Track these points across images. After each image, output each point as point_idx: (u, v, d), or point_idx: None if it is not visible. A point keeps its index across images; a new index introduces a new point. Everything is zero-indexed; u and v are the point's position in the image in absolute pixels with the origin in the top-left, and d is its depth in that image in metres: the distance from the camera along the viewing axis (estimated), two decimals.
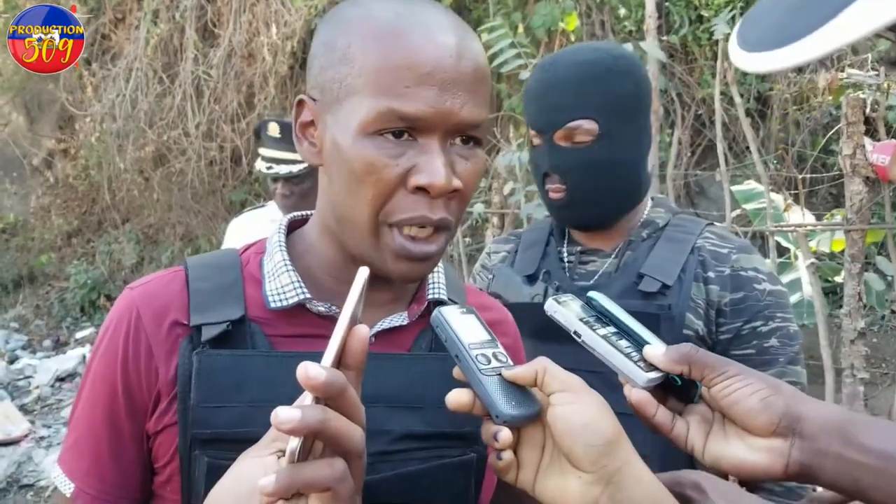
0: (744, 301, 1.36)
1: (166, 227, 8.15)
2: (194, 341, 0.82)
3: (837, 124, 3.75)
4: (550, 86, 1.39)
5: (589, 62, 1.38)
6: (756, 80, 5.95)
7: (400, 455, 0.82)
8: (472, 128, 0.80)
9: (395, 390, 0.82)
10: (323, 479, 0.57)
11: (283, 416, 0.54)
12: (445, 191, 0.78)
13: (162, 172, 7.77)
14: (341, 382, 0.58)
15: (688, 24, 5.94)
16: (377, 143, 0.77)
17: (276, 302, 0.85)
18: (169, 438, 0.83)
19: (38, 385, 6.23)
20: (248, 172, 7.45)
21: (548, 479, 0.70)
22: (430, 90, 0.76)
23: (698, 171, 5.56)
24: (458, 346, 0.73)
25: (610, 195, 1.42)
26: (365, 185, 0.78)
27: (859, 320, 3.05)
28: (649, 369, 0.77)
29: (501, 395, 0.70)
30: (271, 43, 6.97)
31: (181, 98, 7.34)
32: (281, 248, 0.88)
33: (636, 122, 1.42)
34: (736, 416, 0.74)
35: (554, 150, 1.39)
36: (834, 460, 0.71)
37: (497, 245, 1.66)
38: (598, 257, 1.47)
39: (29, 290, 8.57)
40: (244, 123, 7.21)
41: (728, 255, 1.39)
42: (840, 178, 3.68)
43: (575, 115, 1.36)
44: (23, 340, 7.59)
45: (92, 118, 7.91)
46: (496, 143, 4.44)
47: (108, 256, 8.18)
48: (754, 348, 1.35)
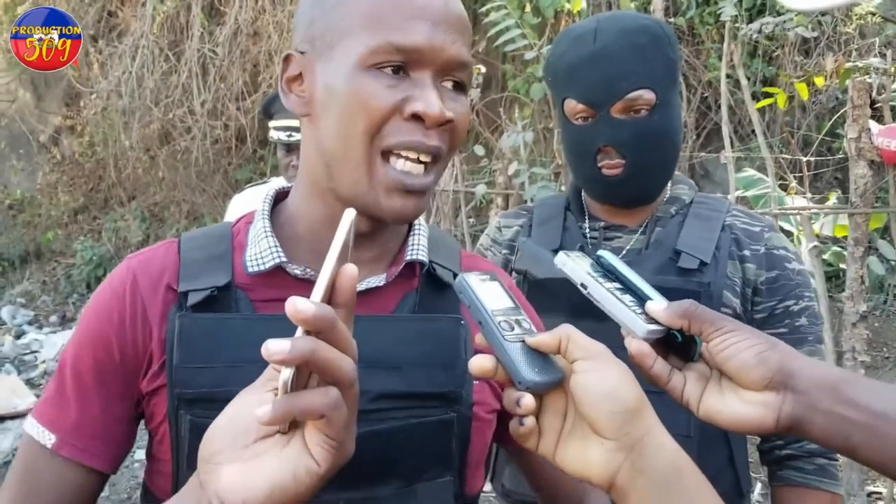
0: (777, 280, 1.35)
1: (171, 204, 8.17)
2: (182, 307, 0.85)
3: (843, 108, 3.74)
4: (602, 56, 1.30)
5: (640, 30, 1.32)
6: (763, 64, 5.93)
7: (377, 414, 0.83)
8: (461, 68, 0.83)
9: (373, 351, 0.83)
10: (317, 406, 0.58)
11: (274, 347, 0.55)
12: (440, 120, 0.80)
13: (167, 150, 7.79)
14: (331, 316, 0.58)
15: (695, 7, 5.90)
16: (373, 76, 0.80)
17: (253, 266, 0.87)
18: (162, 400, 0.85)
19: (45, 360, 6.29)
20: (252, 151, 7.46)
21: (569, 447, 0.71)
22: (425, 24, 0.80)
23: (703, 154, 5.54)
24: (482, 313, 0.73)
25: (665, 167, 1.39)
26: (360, 116, 0.80)
27: (861, 303, 3.05)
28: (650, 322, 0.79)
29: (524, 362, 0.70)
30: (277, 21, 6.96)
31: (187, 76, 7.34)
32: (264, 216, 0.91)
33: (678, 90, 1.40)
34: (731, 370, 0.76)
35: (612, 123, 1.31)
36: (825, 416, 0.72)
37: (507, 219, 1.59)
38: (624, 233, 1.43)
39: (36, 265, 8.61)
40: (249, 102, 7.22)
41: (761, 234, 1.38)
42: (845, 161, 3.67)
43: (635, 86, 1.30)
44: (29, 316, 7.65)
45: (98, 95, 7.92)
46: (499, 123, 4.43)
47: (115, 233, 8.21)
48: (787, 327, 1.35)
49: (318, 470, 0.60)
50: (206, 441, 0.62)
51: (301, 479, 0.60)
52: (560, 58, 1.37)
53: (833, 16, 5.60)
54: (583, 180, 1.43)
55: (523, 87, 5.09)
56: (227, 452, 0.61)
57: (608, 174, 1.34)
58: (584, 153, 1.36)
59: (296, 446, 0.61)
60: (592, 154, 1.35)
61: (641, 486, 0.68)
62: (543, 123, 5.30)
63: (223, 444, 0.61)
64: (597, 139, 1.33)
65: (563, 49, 1.37)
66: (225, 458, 0.61)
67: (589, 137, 1.34)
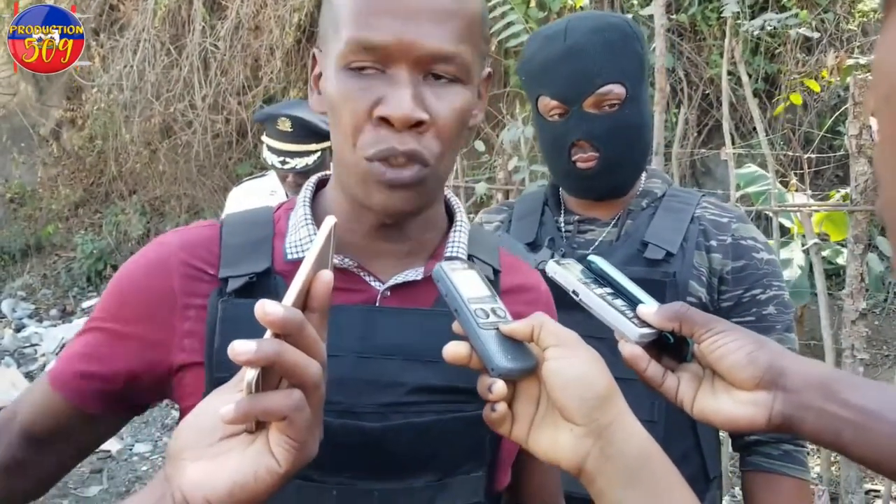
0: (744, 269, 1.39)
1: (172, 199, 8.17)
2: (222, 292, 0.86)
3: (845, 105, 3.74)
4: (573, 53, 1.35)
5: (608, 27, 1.37)
6: (764, 61, 5.92)
7: (413, 407, 0.84)
8: (441, 61, 0.79)
9: (412, 344, 0.84)
10: (279, 408, 0.60)
11: (239, 348, 0.57)
12: (407, 122, 0.78)
13: (168, 144, 7.79)
14: (298, 319, 0.60)
15: (697, 3, 5.90)
16: (350, 76, 0.79)
17: (292, 254, 0.88)
18: (193, 380, 0.86)
19: (44, 353, 6.29)
20: (253, 146, 7.45)
21: (541, 433, 0.72)
22: (395, 20, 0.77)
23: (704, 151, 5.54)
24: (458, 301, 0.74)
25: (637, 160, 1.44)
26: (343, 119, 0.80)
27: (861, 301, 3.05)
28: (642, 325, 0.80)
29: (498, 349, 0.71)
30: (278, 16, 6.95)
31: (188, 70, 7.34)
32: (305, 203, 0.92)
33: (647, 85, 1.44)
34: (723, 370, 0.77)
35: (584, 118, 1.36)
36: (816, 414, 0.73)
37: (489, 215, 1.65)
38: (597, 226, 1.48)
39: (36, 259, 8.61)
40: (250, 96, 7.21)
41: (728, 224, 1.42)
42: (846, 159, 3.67)
43: (605, 80, 1.35)
44: (30, 309, 7.65)
45: (99, 89, 7.91)
46: (501, 118, 4.43)
47: (115, 227, 8.21)
48: (754, 315, 1.38)
49: (278, 469, 0.61)
50: (175, 437, 0.64)
51: (262, 478, 0.61)
52: (532, 57, 1.41)
53: (835, 13, 5.59)
54: (558, 175, 1.48)
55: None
56: (192, 449, 0.62)
57: (582, 167, 1.39)
58: (558, 148, 1.41)
59: (258, 446, 0.62)
60: (567, 149, 1.39)
61: (609, 471, 0.69)
62: None
63: (189, 441, 0.63)
64: (571, 134, 1.38)
65: (535, 48, 1.41)
66: (190, 454, 0.62)
67: (563, 133, 1.39)
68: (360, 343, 0.84)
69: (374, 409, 0.83)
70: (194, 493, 0.61)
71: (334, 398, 0.77)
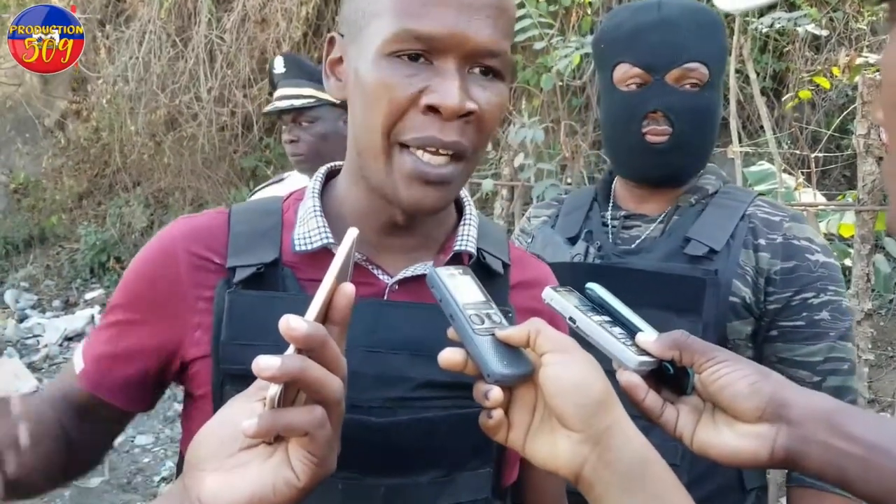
0: (795, 270, 1.32)
1: (176, 191, 8.17)
2: (229, 283, 0.85)
3: (853, 105, 3.72)
4: (666, 23, 1.33)
5: (702, 10, 1.36)
6: (773, 59, 5.89)
7: (420, 402, 0.83)
8: (490, 56, 0.80)
9: (419, 338, 0.83)
10: (301, 424, 0.60)
11: (264, 363, 0.57)
12: (457, 112, 0.77)
13: (173, 137, 7.78)
14: (322, 335, 0.60)
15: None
16: (393, 64, 0.78)
17: (301, 246, 0.87)
18: (202, 372, 0.86)
19: (47, 344, 6.31)
20: (258, 139, 7.45)
21: (538, 440, 0.72)
22: (448, 11, 0.77)
23: None
24: (453, 306, 0.73)
25: (705, 147, 1.40)
26: (378, 105, 0.79)
27: (867, 301, 3.04)
28: (641, 353, 0.79)
29: (493, 355, 0.70)
30: (285, 8, 6.94)
31: (194, 62, 7.33)
32: (314, 194, 0.91)
33: (723, 78, 1.42)
34: (724, 401, 0.75)
35: (665, 90, 1.34)
36: (820, 448, 0.71)
37: (538, 210, 1.64)
38: (643, 222, 1.44)
39: (39, 250, 8.62)
40: (256, 89, 7.20)
41: (780, 223, 1.35)
42: (853, 158, 3.65)
43: (693, 57, 1.33)
44: (32, 300, 7.66)
45: (104, 80, 7.91)
46: (507, 114, 4.41)
47: (119, 219, 8.21)
48: (804, 320, 1.31)
49: (297, 483, 0.61)
50: (194, 446, 0.63)
51: (280, 491, 0.61)
52: (619, 25, 1.39)
53: (844, 12, 5.57)
54: (622, 151, 1.43)
55: (533, 78, 5.07)
56: (212, 460, 0.62)
57: (653, 140, 1.35)
58: (630, 119, 1.37)
59: (278, 459, 0.62)
60: (639, 119, 1.36)
61: (608, 477, 0.68)
62: (553, 115, 5.28)
63: (209, 451, 0.63)
64: (648, 104, 1.35)
65: (623, 17, 1.39)
66: (210, 465, 0.62)
67: (639, 102, 1.36)
68: (368, 337, 0.84)
69: (381, 404, 0.83)
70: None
71: None
